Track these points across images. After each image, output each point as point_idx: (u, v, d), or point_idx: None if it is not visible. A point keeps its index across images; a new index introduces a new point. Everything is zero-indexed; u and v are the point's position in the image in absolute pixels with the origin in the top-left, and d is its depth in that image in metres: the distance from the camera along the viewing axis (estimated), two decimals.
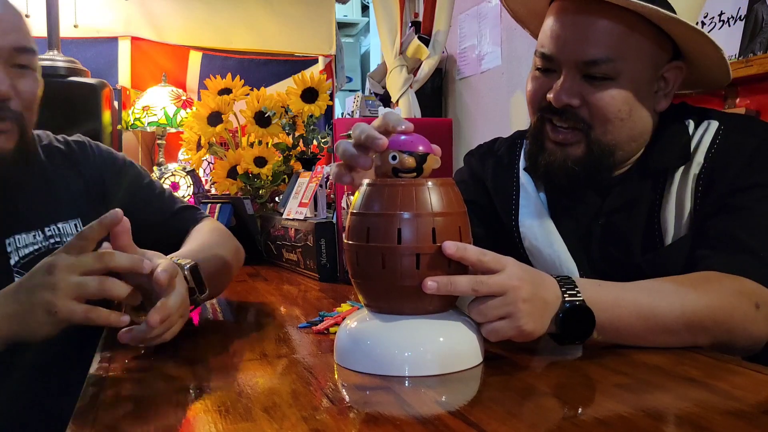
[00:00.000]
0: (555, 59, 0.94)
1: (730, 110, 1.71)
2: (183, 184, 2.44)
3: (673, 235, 0.92)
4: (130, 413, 0.59)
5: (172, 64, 3.07)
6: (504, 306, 0.68)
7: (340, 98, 4.39)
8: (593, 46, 0.90)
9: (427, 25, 2.99)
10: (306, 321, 0.94)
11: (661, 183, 0.95)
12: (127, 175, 1.11)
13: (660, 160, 0.96)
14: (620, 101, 0.92)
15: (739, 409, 0.58)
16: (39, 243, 0.99)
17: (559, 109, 0.93)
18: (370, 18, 5.34)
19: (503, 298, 0.68)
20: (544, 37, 0.95)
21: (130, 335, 0.72)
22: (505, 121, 2.78)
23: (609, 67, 0.90)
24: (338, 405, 0.60)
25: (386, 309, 0.70)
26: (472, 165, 1.17)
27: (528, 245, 1.04)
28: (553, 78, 0.94)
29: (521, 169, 1.08)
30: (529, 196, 1.05)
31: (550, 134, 0.97)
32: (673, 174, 0.94)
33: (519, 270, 0.70)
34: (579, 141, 0.94)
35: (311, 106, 1.76)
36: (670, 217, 0.93)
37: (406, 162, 0.70)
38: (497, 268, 0.69)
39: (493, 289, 0.68)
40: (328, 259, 1.34)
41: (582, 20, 0.91)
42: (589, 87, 0.92)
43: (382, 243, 0.68)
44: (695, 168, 0.92)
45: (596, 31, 0.90)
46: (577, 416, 0.56)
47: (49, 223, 1.01)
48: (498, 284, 0.68)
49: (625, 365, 0.71)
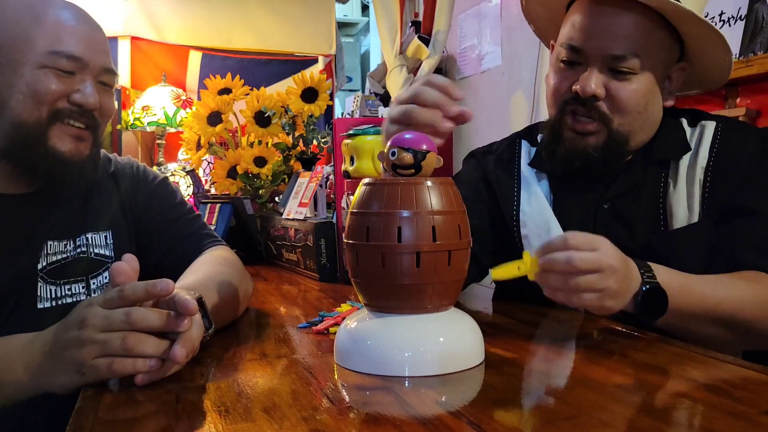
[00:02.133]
0: (583, 52, 0.98)
1: (730, 110, 1.71)
2: (183, 184, 2.44)
3: (680, 220, 0.98)
4: (130, 413, 0.59)
5: (172, 64, 3.07)
6: (599, 281, 0.74)
7: (340, 98, 4.39)
8: (621, 41, 0.96)
9: (427, 25, 2.99)
10: (306, 321, 0.94)
11: (664, 171, 1.01)
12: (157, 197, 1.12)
13: (661, 151, 1.02)
14: (640, 95, 0.98)
15: (739, 409, 0.57)
16: (68, 252, 1.00)
17: (583, 99, 0.98)
18: (370, 18, 5.34)
19: (600, 275, 0.74)
20: (572, 31, 1.00)
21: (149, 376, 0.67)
22: (505, 121, 2.77)
23: (634, 62, 0.96)
24: (338, 405, 0.60)
25: (386, 308, 0.70)
26: (472, 164, 1.20)
27: (525, 232, 1.07)
28: (578, 71, 0.99)
29: (523, 164, 1.12)
30: (530, 187, 1.09)
31: (570, 124, 1.01)
32: (677, 164, 1.00)
33: (613, 250, 0.77)
34: (599, 131, 0.99)
35: (311, 106, 1.76)
36: (677, 204, 0.98)
37: (405, 159, 0.70)
38: (592, 247, 0.75)
39: (592, 265, 0.74)
40: (328, 259, 1.34)
41: (611, 16, 0.96)
42: (614, 80, 0.97)
43: (381, 242, 0.68)
44: (702, 161, 0.98)
45: (624, 28, 0.96)
46: (577, 416, 0.56)
47: (81, 233, 1.02)
48: (597, 261, 0.74)
49: (625, 365, 0.71)
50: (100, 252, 1.04)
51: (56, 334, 0.70)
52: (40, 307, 0.96)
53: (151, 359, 0.66)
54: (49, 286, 0.97)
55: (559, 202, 1.07)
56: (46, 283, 0.97)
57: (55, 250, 0.99)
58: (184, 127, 2.09)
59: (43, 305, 0.96)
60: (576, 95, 0.98)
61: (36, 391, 0.70)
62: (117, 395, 0.64)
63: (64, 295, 0.99)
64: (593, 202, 1.04)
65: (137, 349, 0.65)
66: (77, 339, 0.66)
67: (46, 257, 0.97)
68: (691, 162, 0.99)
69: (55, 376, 0.68)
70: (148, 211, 1.10)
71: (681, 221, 0.98)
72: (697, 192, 0.97)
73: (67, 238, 1.01)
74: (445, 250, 0.68)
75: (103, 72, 0.97)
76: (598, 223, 1.03)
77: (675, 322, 0.83)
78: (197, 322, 0.72)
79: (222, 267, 0.99)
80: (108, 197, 1.08)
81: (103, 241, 1.05)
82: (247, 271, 1.07)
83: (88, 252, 1.03)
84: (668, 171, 1.01)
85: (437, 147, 0.73)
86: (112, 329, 0.66)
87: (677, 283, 0.82)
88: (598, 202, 1.04)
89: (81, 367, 0.66)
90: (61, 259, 0.99)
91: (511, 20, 2.71)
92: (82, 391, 0.65)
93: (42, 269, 0.97)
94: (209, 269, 0.97)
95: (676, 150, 1.01)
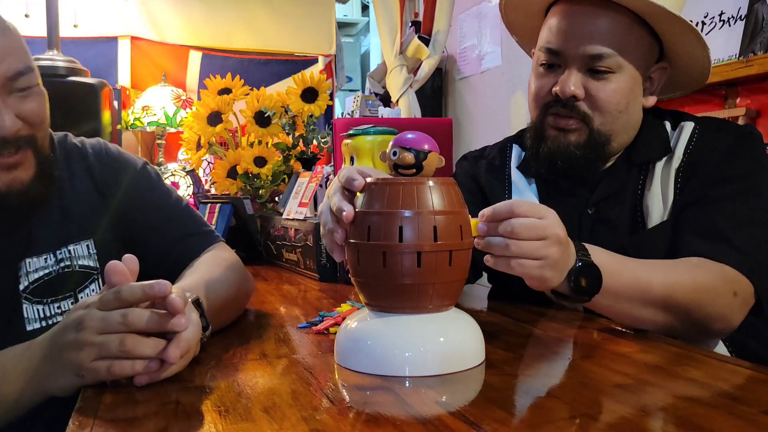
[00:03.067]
0: (561, 53, 0.99)
1: (730, 110, 1.71)
2: (183, 184, 2.45)
3: (654, 221, 0.99)
4: (130, 413, 0.59)
5: (172, 64, 3.07)
6: (542, 248, 0.74)
7: (340, 98, 4.39)
8: (598, 40, 0.96)
9: (427, 25, 2.99)
10: (306, 321, 0.94)
11: (643, 173, 1.03)
12: (140, 187, 1.04)
13: (643, 154, 1.03)
14: (620, 95, 0.99)
15: (739, 409, 0.57)
16: (50, 267, 0.95)
17: (563, 100, 0.99)
18: (370, 18, 5.34)
19: (544, 243, 0.74)
20: (549, 34, 1.01)
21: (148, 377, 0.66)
22: (505, 120, 2.77)
23: (612, 61, 0.97)
24: (338, 405, 0.60)
25: (387, 308, 0.70)
26: (465, 167, 1.23)
27: None
28: (557, 73, 1.01)
29: (513, 168, 1.14)
30: (520, 190, 1.11)
31: (552, 123, 1.02)
32: (654, 166, 1.01)
33: (558, 221, 0.77)
34: (580, 129, 1.00)
35: (311, 106, 1.76)
36: (652, 205, 1.00)
37: (406, 159, 0.70)
38: (539, 215, 0.74)
39: (537, 232, 0.73)
40: (328, 259, 1.34)
41: (587, 17, 0.97)
42: (593, 80, 0.99)
43: (383, 241, 0.68)
44: (675, 162, 1.00)
45: (601, 27, 0.96)
46: (577, 416, 0.56)
47: (61, 245, 0.96)
48: (542, 228, 0.74)
49: (625, 365, 0.71)
50: (84, 263, 0.98)
51: (54, 338, 0.68)
52: (29, 329, 0.92)
53: (151, 360, 0.66)
54: (36, 306, 0.93)
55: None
56: (32, 303, 0.93)
57: (35, 267, 0.93)
58: (184, 127, 2.09)
59: (32, 327, 0.92)
60: (556, 97, 1.00)
61: (37, 397, 0.69)
62: (117, 395, 0.64)
63: (53, 314, 0.95)
64: (578, 206, 1.05)
65: (136, 351, 0.65)
66: (75, 341, 0.65)
67: (27, 276, 0.92)
68: (666, 164, 1.01)
69: (54, 379, 0.67)
70: (134, 211, 1.02)
71: (655, 222, 0.99)
72: (671, 192, 0.98)
73: (47, 252, 0.95)
74: (447, 250, 0.68)
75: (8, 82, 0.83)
76: (583, 227, 1.04)
77: (608, 303, 0.83)
78: (195, 322, 0.71)
79: (221, 268, 0.96)
80: (83, 197, 0.99)
81: (85, 251, 0.98)
82: (247, 271, 1.05)
83: (73, 265, 0.97)
84: (646, 173, 1.02)
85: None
86: (110, 331, 0.65)
87: (611, 263, 0.82)
88: (582, 207, 1.05)
89: (80, 370, 0.65)
90: (44, 275, 0.94)
91: None
92: (82, 391, 0.65)
93: (25, 290, 0.92)
94: (208, 270, 0.94)
95: (656, 152, 1.02)
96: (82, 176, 1.00)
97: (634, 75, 0.99)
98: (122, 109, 2.72)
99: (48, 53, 2.13)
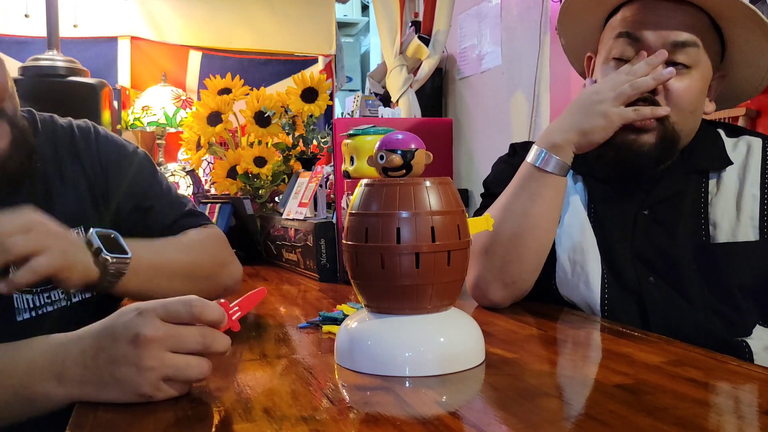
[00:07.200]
0: (641, 40, 0.97)
1: (730, 110, 1.71)
2: (183, 184, 2.45)
3: (725, 233, 0.96)
4: (130, 413, 0.59)
5: (172, 64, 3.07)
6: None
7: (340, 98, 4.39)
8: (684, 27, 0.95)
9: (427, 25, 2.99)
10: (306, 321, 0.94)
11: (704, 181, 1.00)
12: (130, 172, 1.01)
13: (703, 161, 1.01)
14: (693, 93, 0.97)
15: (739, 409, 0.57)
16: None
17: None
18: (370, 18, 5.34)
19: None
20: (627, 22, 0.98)
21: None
22: (505, 120, 2.77)
23: (693, 51, 0.95)
24: (338, 405, 0.60)
25: (386, 309, 0.70)
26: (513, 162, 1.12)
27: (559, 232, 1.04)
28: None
29: None
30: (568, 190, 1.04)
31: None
32: (719, 176, 0.99)
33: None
34: (654, 128, 0.97)
35: (311, 106, 1.76)
36: (721, 217, 0.97)
37: (394, 161, 0.70)
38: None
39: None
40: (328, 259, 1.34)
41: (668, 8, 0.96)
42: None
43: (381, 243, 0.68)
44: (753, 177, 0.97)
45: (685, 17, 0.95)
46: (577, 416, 0.56)
47: None
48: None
49: (625, 365, 0.71)
50: None
51: (99, 346, 0.61)
52: (19, 319, 0.89)
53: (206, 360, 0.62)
54: (26, 296, 0.90)
55: (596, 207, 1.04)
56: (21, 293, 0.90)
57: None
58: (184, 127, 2.09)
59: (22, 317, 0.89)
60: None
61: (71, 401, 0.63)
62: None
63: (43, 304, 0.91)
64: (632, 207, 1.02)
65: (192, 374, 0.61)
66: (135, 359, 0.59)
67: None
68: (740, 177, 0.98)
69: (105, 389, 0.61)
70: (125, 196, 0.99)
71: (726, 234, 0.96)
72: (748, 208, 0.96)
73: None
74: (445, 251, 0.68)
75: None
76: (638, 228, 1.00)
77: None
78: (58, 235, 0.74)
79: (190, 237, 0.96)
80: (74, 186, 0.96)
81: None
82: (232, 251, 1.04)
83: None
84: (708, 181, 0.99)
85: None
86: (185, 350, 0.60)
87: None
88: (637, 208, 1.01)
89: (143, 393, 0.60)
90: None
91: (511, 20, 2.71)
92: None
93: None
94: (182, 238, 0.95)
95: (716, 161, 1.00)
96: (70, 161, 0.97)
97: (706, 75, 0.98)
98: (122, 109, 2.72)
99: (48, 53, 2.13)
